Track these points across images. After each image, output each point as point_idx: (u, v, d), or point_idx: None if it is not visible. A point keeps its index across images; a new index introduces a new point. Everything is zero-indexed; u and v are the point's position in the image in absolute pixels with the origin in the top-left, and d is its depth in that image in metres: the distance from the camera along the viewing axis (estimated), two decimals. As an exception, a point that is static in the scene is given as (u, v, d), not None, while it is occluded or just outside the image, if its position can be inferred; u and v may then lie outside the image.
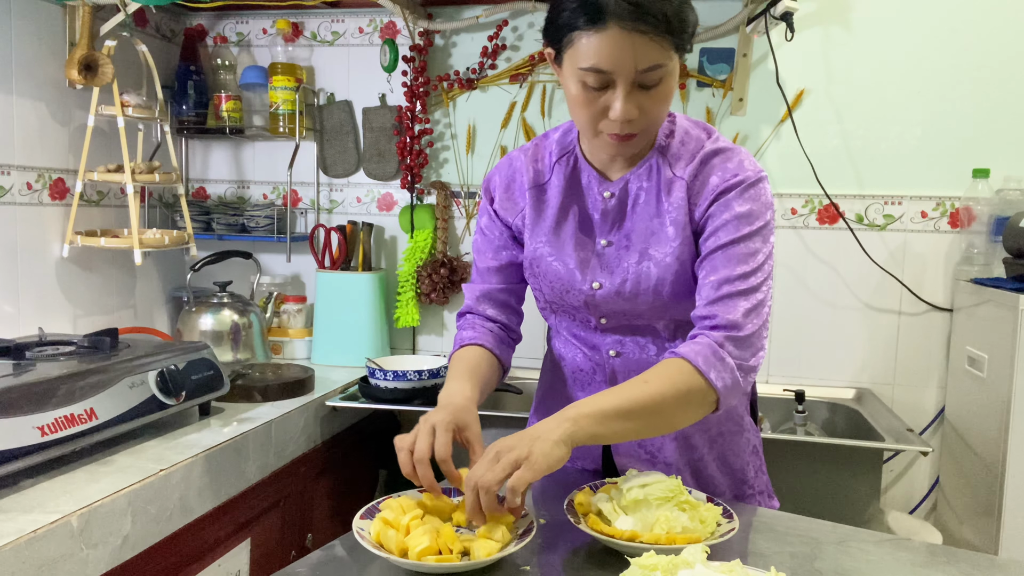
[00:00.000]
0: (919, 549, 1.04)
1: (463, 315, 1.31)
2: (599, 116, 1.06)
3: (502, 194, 1.25)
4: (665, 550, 0.89)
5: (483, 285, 1.28)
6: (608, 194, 1.17)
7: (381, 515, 0.97)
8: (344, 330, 2.30)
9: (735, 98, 2.17)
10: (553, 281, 1.20)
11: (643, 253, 1.15)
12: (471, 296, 1.29)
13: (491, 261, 1.27)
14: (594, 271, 1.18)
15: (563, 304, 1.22)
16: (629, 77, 1.01)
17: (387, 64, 2.35)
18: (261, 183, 2.54)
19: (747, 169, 1.11)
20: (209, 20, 2.50)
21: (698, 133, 1.17)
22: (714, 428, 1.24)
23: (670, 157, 1.15)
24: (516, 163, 1.25)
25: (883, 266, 2.16)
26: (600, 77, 1.02)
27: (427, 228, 2.38)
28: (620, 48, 0.99)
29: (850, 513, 1.72)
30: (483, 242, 1.28)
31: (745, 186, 1.10)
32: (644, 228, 1.15)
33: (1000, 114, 2.09)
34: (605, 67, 1.01)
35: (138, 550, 1.32)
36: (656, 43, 0.99)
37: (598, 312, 1.20)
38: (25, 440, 1.25)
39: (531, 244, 1.22)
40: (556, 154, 1.22)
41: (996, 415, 1.77)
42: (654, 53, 1.00)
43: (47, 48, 1.97)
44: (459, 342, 1.26)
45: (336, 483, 2.07)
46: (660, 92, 1.04)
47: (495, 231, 1.26)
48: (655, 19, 0.98)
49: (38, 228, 1.96)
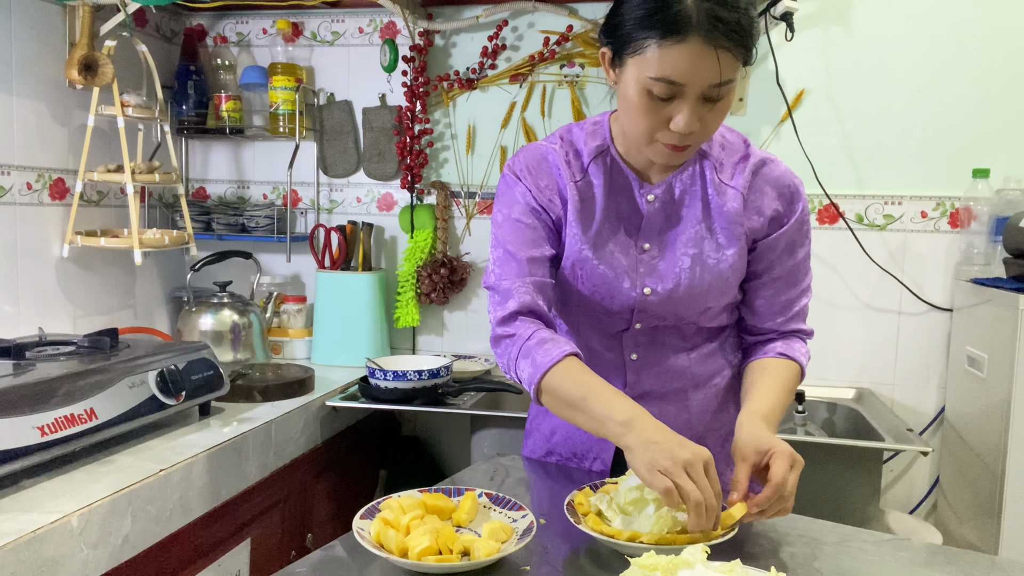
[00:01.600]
0: (919, 549, 1.04)
1: (520, 315, 1.11)
2: (659, 126, 1.04)
3: (541, 184, 1.17)
4: (665, 550, 0.89)
5: (531, 277, 1.13)
6: (651, 197, 1.16)
7: (381, 515, 0.97)
8: (344, 330, 2.30)
9: (735, 98, 2.17)
10: (598, 285, 1.17)
11: (695, 259, 1.14)
12: (524, 290, 1.12)
13: (535, 251, 1.14)
14: (643, 276, 1.16)
15: (599, 307, 1.18)
16: (700, 90, 1.00)
17: (387, 64, 2.35)
18: (261, 183, 2.54)
19: (794, 179, 1.18)
20: (209, 20, 2.50)
21: (734, 138, 1.19)
22: (724, 428, 1.25)
23: (714, 162, 1.16)
24: (550, 156, 1.18)
25: (883, 266, 2.16)
26: (670, 88, 1.00)
27: (427, 228, 2.38)
28: (700, 62, 0.97)
29: (850, 513, 1.72)
30: (521, 232, 1.15)
31: (802, 204, 1.17)
32: (693, 232, 1.15)
33: (1000, 114, 2.09)
34: (680, 79, 0.99)
35: (138, 550, 1.32)
36: (733, 57, 0.99)
37: (642, 316, 1.18)
38: (25, 440, 1.24)
39: (575, 245, 1.16)
40: (589, 153, 1.18)
41: (996, 415, 1.77)
42: (730, 67, 0.99)
43: (47, 48, 1.97)
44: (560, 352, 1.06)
45: (336, 483, 2.07)
46: (722, 105, 1.04)
47: (537, 219, 1.16)
48: (736, 34, 0.97)
49: (38, 228, 1.96)
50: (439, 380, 1.96)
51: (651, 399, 1.21)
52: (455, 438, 2.43)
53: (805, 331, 1.24)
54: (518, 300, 1.12)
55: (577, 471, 1.29)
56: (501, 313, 1.12)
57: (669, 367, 1.21)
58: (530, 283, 1.13)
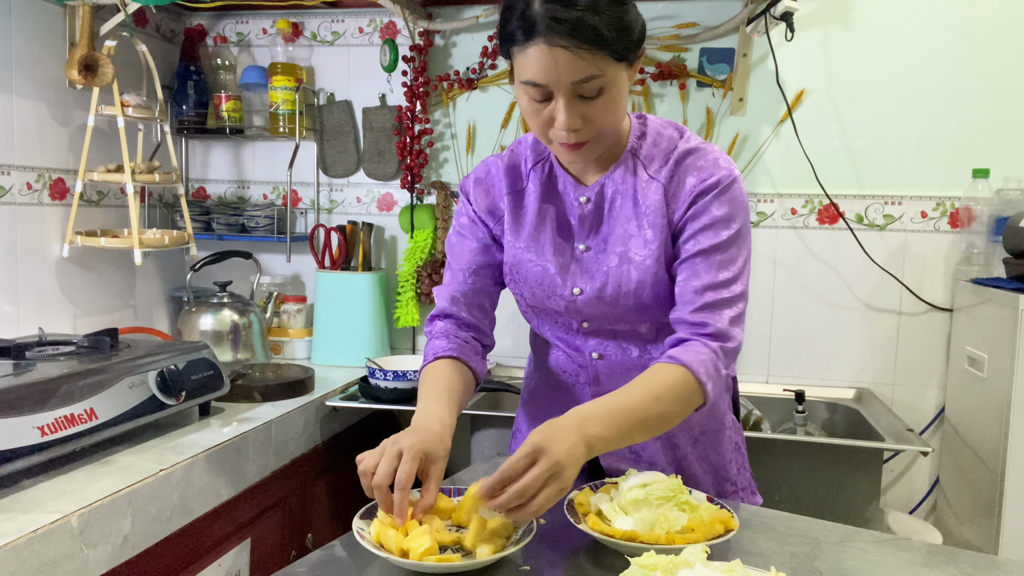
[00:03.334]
0: (919, 549, 1.04)
1: (435, 319, 1.25)
2: (547, 126, 1.07)
3: (481, 197, 1.24)
4: (665, 550, 0.89)
5: (459, 286, 1.24)
6: (584, 199, 1.18)
7: (381, 515, 0.97)
8: (344, 330, 2.30)
9: (735, 98, 2.17)
10: (535, 286, 1.20)
11: (622, 256, 1.15)
12: (444, 298, 1.25)
13: (468, 262, 1.24)
14: (574, 276, 1.18)
15: (545, 308, 1.22)
16: (566, 89, 1.02)
17: (387, 64, 2.35)
18: (261, 183, 2.54)
19: (722, 168, 1.12)
20: (209, 20, 2.50)
21: (670, 133, 1.17)
22: (696, 427, 1.25)
23: (643, 158, 1.16)
24: (493, 168, 1.25)
25: (883, 266, 2.16)
26: (539, 90, 1.03)
27: (427, 228, 2.38)
28: (547, 62, 1.00)
29: (850, 513, 1.72)
30: (460, 243, 1.26)
31: (721, 188, 1.11)
32: (622, 231, 1.15)
33: (1000, 114, 2.09)
34: (539, 80, 1.02)
35: (138, 550, 1.32)
36: (583, 56, 0.99)
37: (580, 316, 1.20)
38: (25, 440, 1.24)
39: (511, 249, 1.22)
40: (531, 160, 1.22)
41: (996, 415, 1.77)
42: (583, 66, 1.00)
43: (47, 48, 1.97)
44: (433, 352, 1.20)
45: (336, 483, 2.07)
46: (604, 101, 1.04)
47: (475, 232, 1.25)
48: (581, 33, 0.98)
49: (38, 228, 1.96)
50: (439, 380, 1.96)
51: None
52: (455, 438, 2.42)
53: (716, 331, 1.07)
54: (437, 306, 1.26)
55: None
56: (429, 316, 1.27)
57: (632, 365, 1.21)
58: (456, 291, 1.24)
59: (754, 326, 2.26)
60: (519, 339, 2.38)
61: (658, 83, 2.26)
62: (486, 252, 1.24)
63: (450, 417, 1.09)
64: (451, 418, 1.09)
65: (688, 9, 2.22)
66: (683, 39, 2.22)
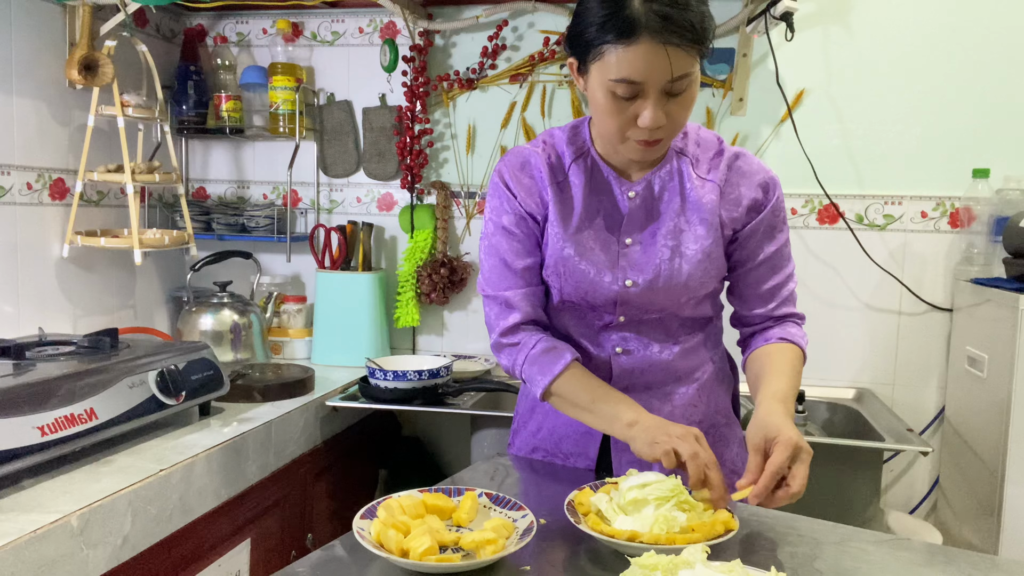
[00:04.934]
0: (919, 549, 1.04)
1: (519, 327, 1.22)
2: (628, 124, 1.10)
3: (523, 190, 1.22)
4: (665, 550, 0.89)
5: (528, 287, 1.23)
6: (632, 194, 1.20)
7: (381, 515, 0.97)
8: (344, 330, 2.30)
9: (735, 98, 2.17)
10: (580, 281, 1.21)
11: (674, 250, 1.19)
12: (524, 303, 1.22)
13: (528, 260, 1.22)
14: (624, 270, 1.20)
15: (584, 302, 1.23)
16: (659, 86, 1.05)
17: (387, 64, 2.35)
18: (261, 183, 2.54)
19: (768, 174, 1.23)
20: (209, 20, 2.50)
21: (709, 137, 1.24)
22: (707, 421, 1.28)
23: (691, 158, 1.21)
24: (532, 159, 1.23)
25: (883, 266, 2.16)
26: (631, 88, 1.06)
27: (427, 228, 2.38)
28: (653, 60, 1.03)
29: (850, 513, 1.72)
30: (513, 242, 1.22)
31: (777, 192, 1.23)
32: (672, 226, 1.19)
33: (1000, 114, 2.09)
34: (638, 78, 1.05)
35: (138, 550, 1.32)
36: (686, 52, 1.03)
37: (625, 309, 1.22)
38: (25, 440, 1.25)
39: (556, 244, 1.21)
40: (571, 154, 1.23)
41: (996, 415, 1.77)
42: (684, 62, 1.04)
43: (47, 48, 1.97)
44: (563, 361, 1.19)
45: (336, 483, 2.07)
46: (686, 98, 1.09)
47: (525, 228, 1.22)
48: (684, 30, 1.02)
49: (38, 228, 1.96)
50: (439, 380, 1.96)
51: (635, 392, 1.24)
52: (455, 438, 2.43)
53: (797, 315, 1.28)
54: (520, 312, 1.23)
55: (563, 468, 1.31)
56: (504, 324, 1.23)
57: (652, 361, 1.25)
58: (528, 293, 1.23)
59: (754, 326, 2.26)
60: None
61: (658, 83, 2.26)
62: (538, 248, 1.24)
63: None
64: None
65: (688, 9, 2.22)
66: (683, 39, 2.22)
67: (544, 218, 1.22)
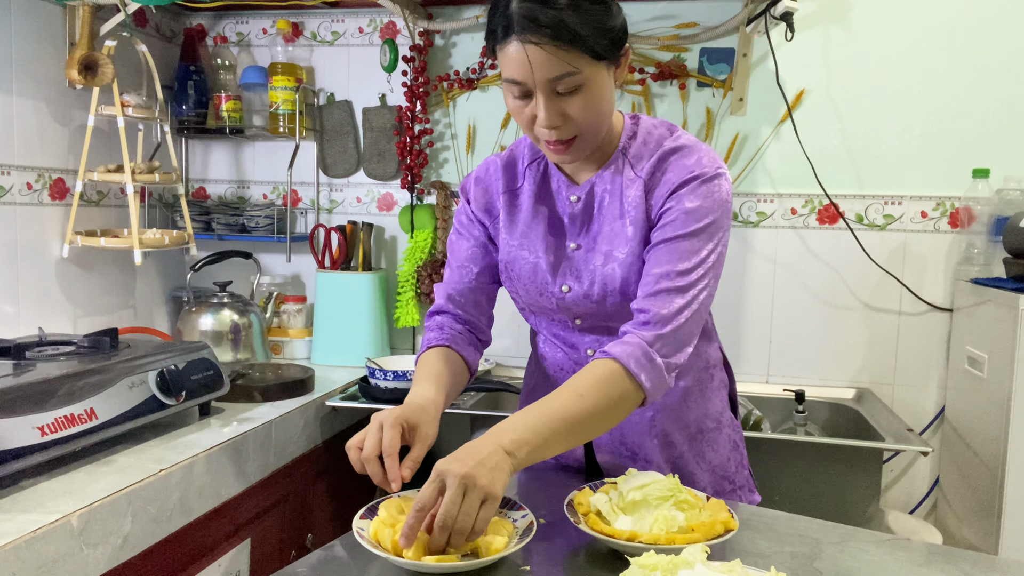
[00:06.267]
0: (919, 549, 1.04)
1: (432, 315, 1.29)
2: (530, 123, 1.08)
3: (479, 196, 1.26)
4: (665, 550, 0.89)
5: (456, 284, 1.27)
6: (575, 198, 1.19)
7: (380, 515, 0.97)
8: (344, 330, 2.30)
9: (735, 98, 2.17)
10: (528, 283, 1.22)
11: (607, 255, 1.15)
12: (442, 295, 1.28)
13: (466, 260, 1.27)
14: (564, 274, 1.19)
15: (539, 306, 1.23)
16: (542, 86, 1.03)
17: (387, 64, 2.35)
18: (261, 183, 2.54)
19: (704, 165, 1.11)
20: (209, 20, 2.50)
21: (660, 132, 1.17)
22: (693, 426, 1.25)
23: (631, 157, 1.16)
24: (492, 167, 1.27)
25: (883, 266, 2.16)
26: (519, 87, 1.05)
27: (427, 228, 2.38)
28: (521, 60, 1.02)
29: (850, 513, 1.72)
30: (458, 241, 1.28)
31: (699, 182, 1.09)
32: (609, 230, 1.16)
33: (1000, 114, 2.09)
34: (518, 78, 1.03)
35: (138, 550, 1.32)
36: (556, 54, 1.00)
37: (571, 314, 1.21)
38: (25, 440, 1.24)
39: (505, 247, 1.23)
40: (528, 159, 1.24)
41: (996, 415, 1.77)
42: (556, 63, 1.01)
43: (47, 48, 1.97)
44: (426, 343, 1.25)
45: (336, 483, 2.07)
46: (583, 99, 1.04)
47: (472, 230, 1.27)
48: (548, 28, 0.99)
49: (38, 228, 1.96)
50: (439, 380, 1.96)
51: None
52: (455, 438, 2.43)
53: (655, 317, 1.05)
54: (435, 303, 1.30)
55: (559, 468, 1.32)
56: (430, 311, 1.31)
57: None
58: (449, 288, 1.27)
59: (754, 326, 2.26)
60: (519, 339, 2.38)
61: (658, 83, 2.26)
62: (483, 250, 1.26)
63: (435, 394, 1.11)
64: (436, 395, 1.11)
65: (688, 9, 2.22)
66: (683, 39, 2.22)
67: (494, 225, 1.25)
